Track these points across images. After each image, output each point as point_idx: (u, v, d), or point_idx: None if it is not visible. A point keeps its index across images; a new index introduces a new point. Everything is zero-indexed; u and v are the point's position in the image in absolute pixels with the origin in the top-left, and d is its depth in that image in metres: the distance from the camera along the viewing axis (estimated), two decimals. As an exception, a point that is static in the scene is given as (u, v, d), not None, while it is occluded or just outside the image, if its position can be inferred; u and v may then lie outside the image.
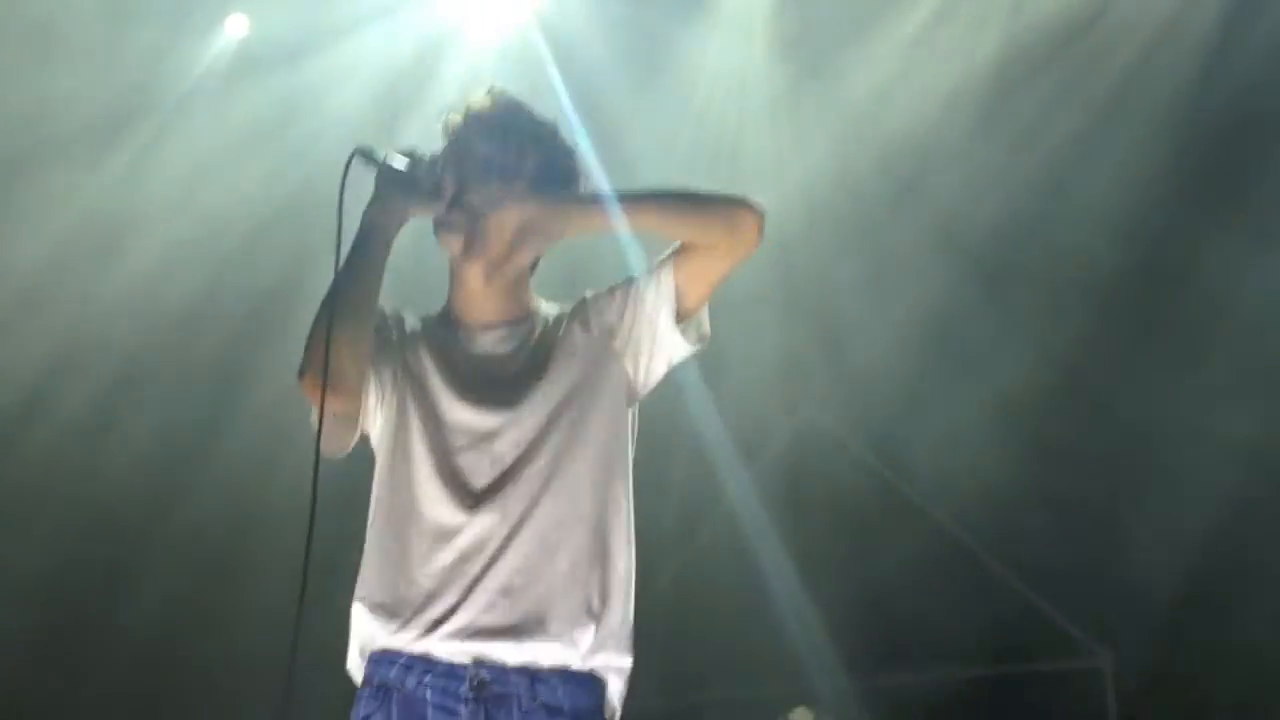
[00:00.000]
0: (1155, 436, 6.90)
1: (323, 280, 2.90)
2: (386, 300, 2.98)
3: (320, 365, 2.80)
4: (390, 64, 6.99)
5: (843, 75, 7.02)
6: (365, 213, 2.92)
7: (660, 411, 7.18)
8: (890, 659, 7.59)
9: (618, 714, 2.88)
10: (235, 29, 7.07)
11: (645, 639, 2.90)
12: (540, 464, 2.85)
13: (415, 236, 3.02)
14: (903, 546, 7.40)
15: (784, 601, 7.72)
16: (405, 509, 2.87)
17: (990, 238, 7.04)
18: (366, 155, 2.91)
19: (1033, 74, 6.81)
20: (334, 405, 2.84)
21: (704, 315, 2.96)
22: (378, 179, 2.93)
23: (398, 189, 2.92)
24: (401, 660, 2.79)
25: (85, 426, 7.28)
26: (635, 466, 2.93)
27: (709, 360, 7.07)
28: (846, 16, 6.94)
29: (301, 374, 2.84)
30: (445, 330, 3.02)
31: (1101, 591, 7.26)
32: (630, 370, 2.94)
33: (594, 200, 2.95)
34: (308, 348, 2.84)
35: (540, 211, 2.88)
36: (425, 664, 2.78)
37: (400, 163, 2.92)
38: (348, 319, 2.83)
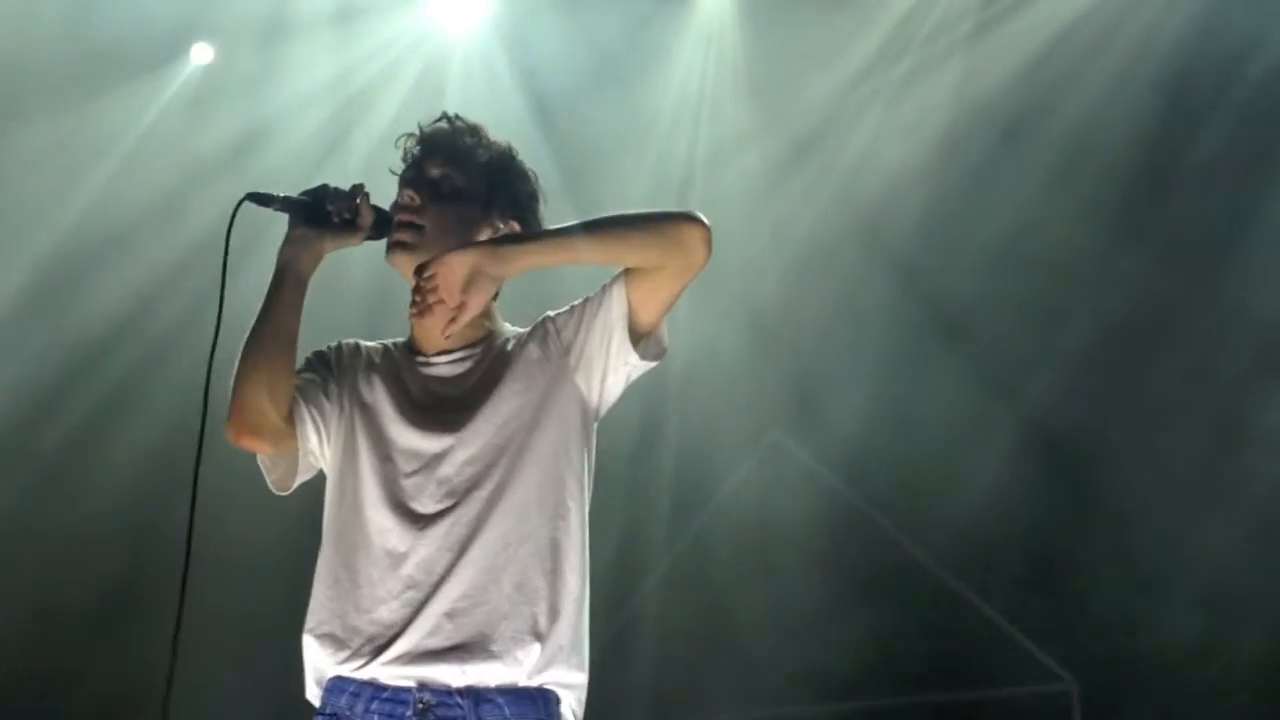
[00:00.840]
0: (1109, 465, 7.09)
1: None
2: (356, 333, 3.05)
3: (239, 413, 2.84)
4: (348, 89, 7.23)
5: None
6: (278, 253, 2.93)
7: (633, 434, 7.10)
8: (856, 684, 7.62)
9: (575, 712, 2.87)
10: (200, 57, 7.31)
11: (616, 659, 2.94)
12: (488, 485, 2.84)
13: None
14: (869, 572, 7.51)
15: (752, 627, 7.69)
16: (354, 538, 2.87)
17: (949, 271, 7.21)
18: (259, 198, 2.90)
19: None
20: (260, 448, 2.88)
21: (662, 330, 2.94)
22: (290, 220, 2.94)
23: (308, 226, 2.93)
24: (350, 688, 2.81)
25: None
26: (606, 491, 2.94)
27: (680, 386, 7.30)
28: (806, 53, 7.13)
29: (227, 423, 2.86)
30: (403, 356, 3.02)
31: (1067, 616, 7.41)
32: (585, 388, 2.91)
33: (534, 238, 2.93)
34: (231, 396, 2.87)
35: (481, 259, 2.80)
36: (373, 690, 2.79)
37: (302, 200, 2.92)
38: (262, 362, 2.85)
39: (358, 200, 2.95)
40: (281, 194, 2.92)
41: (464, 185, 2.98)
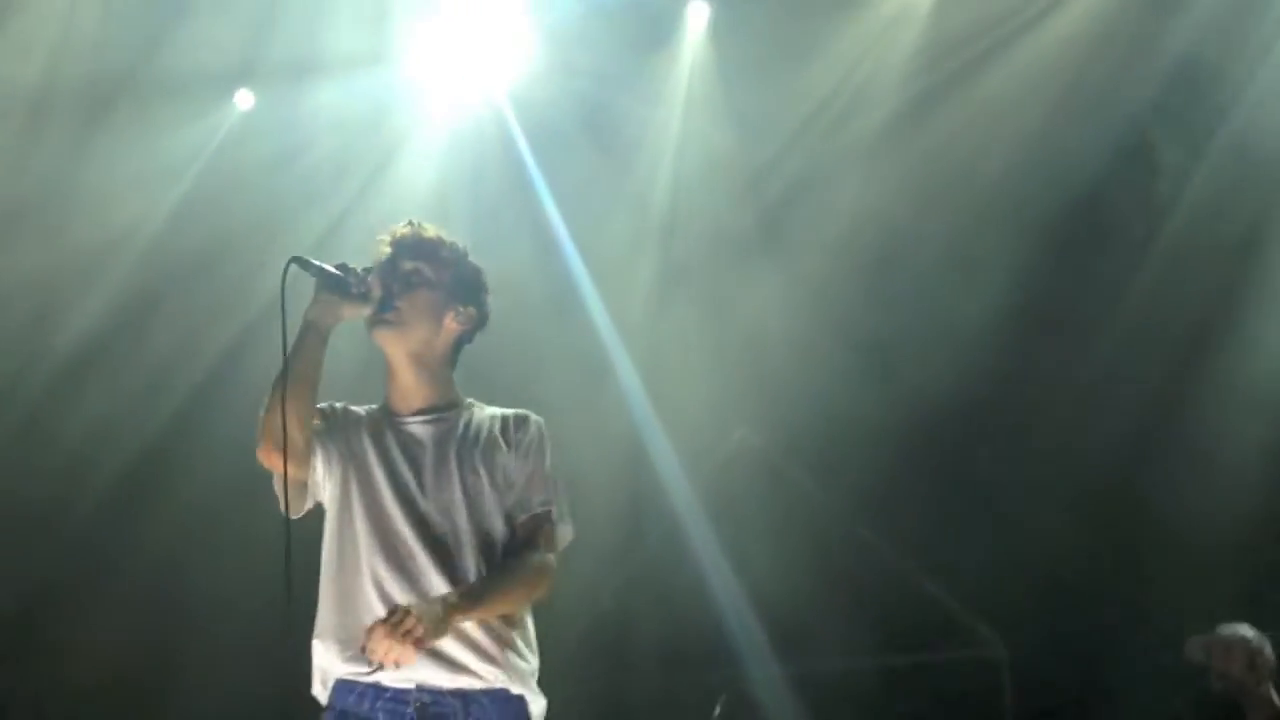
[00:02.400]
0: (1049, 430, 7.46)
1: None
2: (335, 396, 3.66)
3: (270, 436, 3.42)
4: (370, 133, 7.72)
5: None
6: (306, 312, 3.49)
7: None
8: (807, 649, 7.88)
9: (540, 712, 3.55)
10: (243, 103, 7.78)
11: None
12: (466, 536, 3.49)
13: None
14: (821, 548, 7.72)
15: (720, 599, 8.03)
16: (352, 568, 3.49)
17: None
18: (302, 263, 3.47)
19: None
20: (283, 467, 3.42)
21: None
22: (317, 284, 3.51)
23: (333, 293, 3.50)
24: (357, 689, 3.42)
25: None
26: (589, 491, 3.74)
27: (653, 389, 7.89)
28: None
29: (259, 445, 3.46)
30: (383, 417, 3.63)
31: (1001, 588, 7.56)
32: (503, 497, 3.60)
33: (464, 606, 3.40)
34: (261, 423, 3.45)
35: (431, 633, 3.35)
36: (376, 691, 3.40)
37: (332, 271, 3.50)
38: (293, 398, 3.40)
39: (369, 279, 3.55)
40: (317, 262, 3.51)
41: (432, 277, 3.61)
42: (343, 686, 3.43)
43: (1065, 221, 7.25)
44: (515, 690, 3.47)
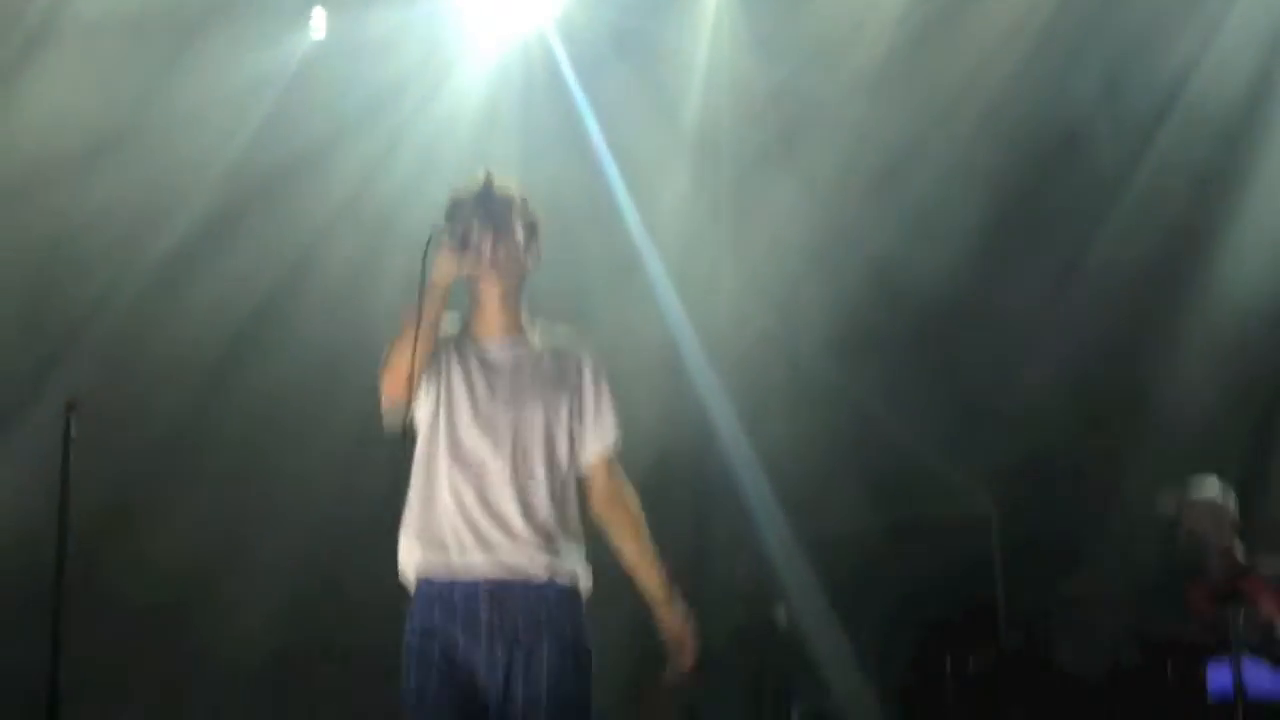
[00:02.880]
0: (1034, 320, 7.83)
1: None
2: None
3: (397, 375, 3.89)
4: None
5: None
6: (434, 268, 3.89)
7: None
8: (814, 513, 8.36)
9: (587, 593, 4.06)
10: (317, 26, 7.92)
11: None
12: (536, 450, 3.99)
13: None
14: (829, 423, 8.23)
15: (740, 471, 8.51)
16: (434, 477, 3.96)
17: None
18: (436, 233, 3.92)
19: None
20: (404, 399, 3.91)
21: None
22: (441, 252, 3.91)
23: (454, 258, 3.93)
24: (439, 580, 3.92)
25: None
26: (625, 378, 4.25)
27: (681, 286, 8.43)
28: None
29: (383, 383, 3.91)
30: (467, 343, 4.07)
31: (992, 450, 7.99)
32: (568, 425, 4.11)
33: (668, 596, 4.10)
34: (387, 363, 3.90)
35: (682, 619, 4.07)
36: (453, 583, 3.92)
37: (454, 239, 3.93)
38: (418, 344, 3.84)
39: (482, 237, 3.97)
40: (448, 230, 3.96)
41: (517, 228, 4.08)
42: (424, 578, 3.98)
43: (1046, 143, 7.79)
44: (565, 582, 4.01)
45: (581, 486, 4.13)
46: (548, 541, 3.97)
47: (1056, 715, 6.49)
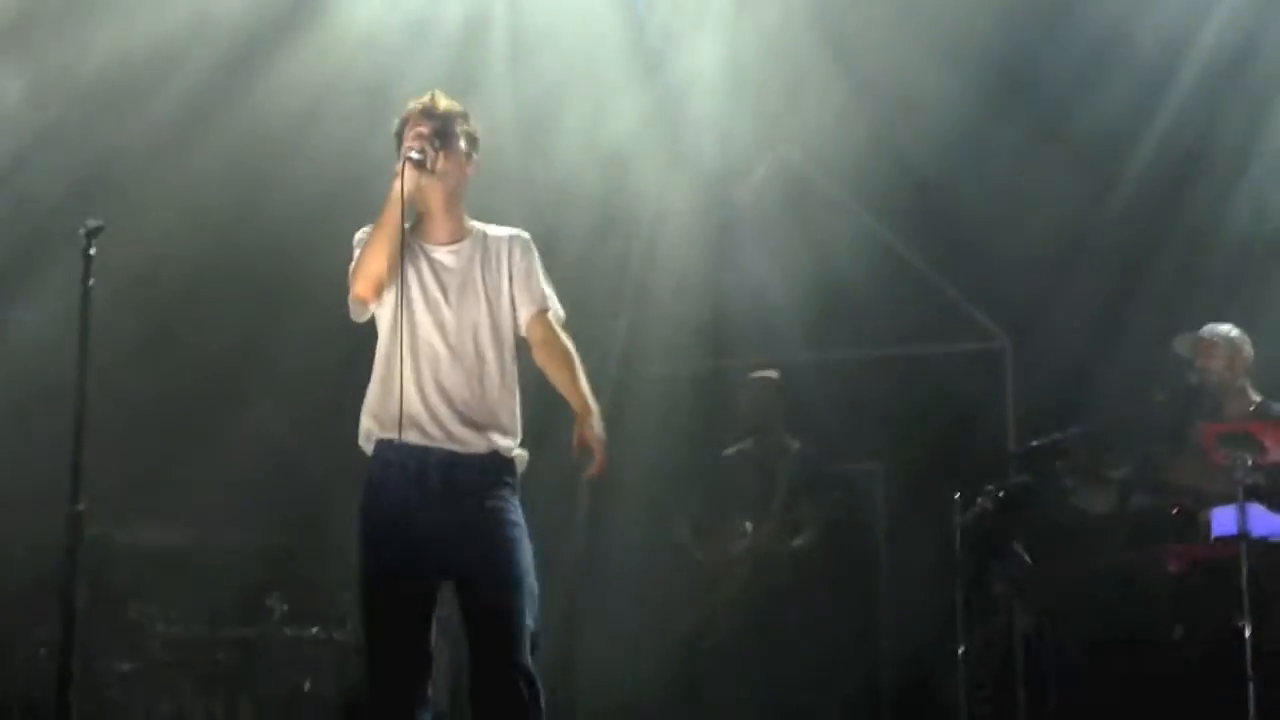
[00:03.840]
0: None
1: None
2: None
3: (365, 276, 4.54)
4: None
5: None
6: (393, 185, 4.51)
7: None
8: (833, 340, 8.62)
9: (524, 464, 4.67)
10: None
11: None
12: (485, 337, 4.61)
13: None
14: (848, 248, 8.39)
15: (757, 287, 8.64)
16: (392, 364, 4.55)
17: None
18: (408, 158, 4.50)
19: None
20: (372, 299, 4.58)
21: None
22: (406, 169, 4.50)
23: (412, 173, 4.52)
24: (392, 444, 4.54)
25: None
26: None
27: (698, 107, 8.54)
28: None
29: (354, 284, 4.55)
30: (418, 248, 4.63)
31: (1008, 283, 8.18)
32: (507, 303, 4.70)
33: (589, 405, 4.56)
34: (358, 265, 4.55)
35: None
36: (405, 447, 4.53)
37: (417, 157, 4.50)
38: (385, 249, 4.50)
39: (434, 153, 4.56)
40: (413, 155, 4.51)
41: (456, 136, 4.63)
42: (382, 442, 4.60)
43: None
44: (506, 455, 4.62)
45: (524, 348, 4.69)
46: (492, 418, 4.59)
47: (1062, 553, 6.58)
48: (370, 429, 4.63)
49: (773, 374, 8.06)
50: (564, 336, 4.69)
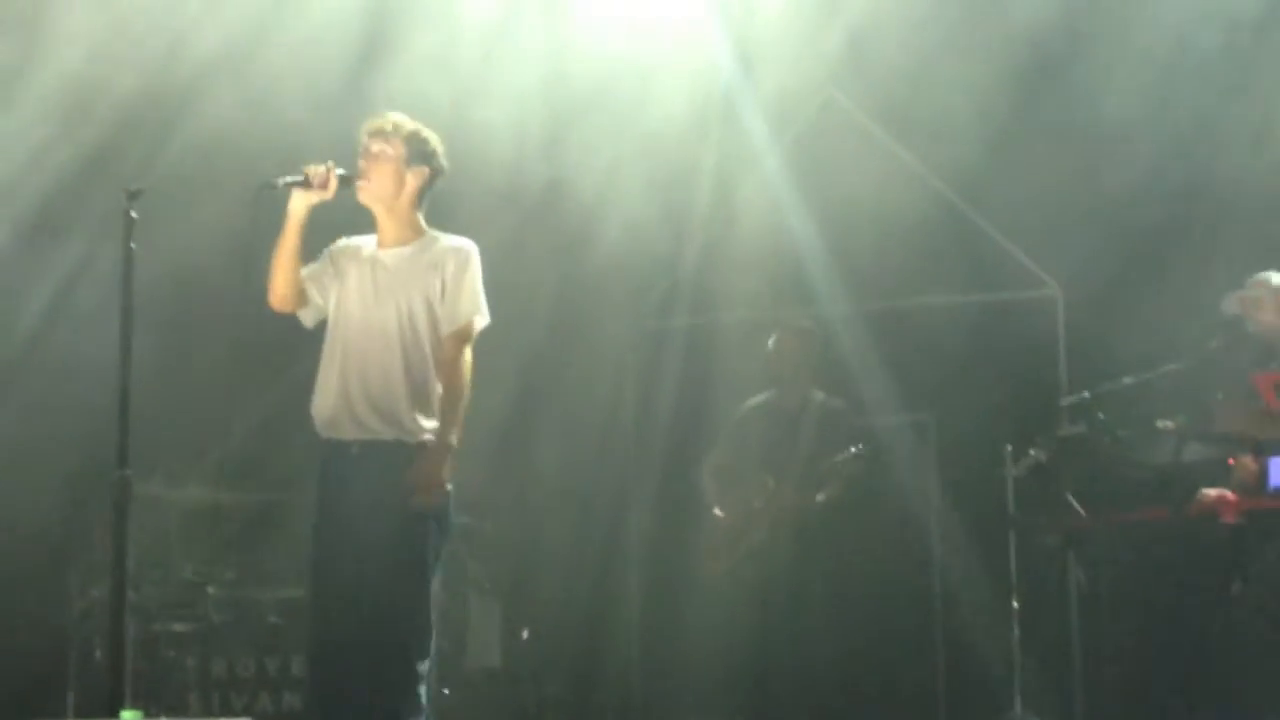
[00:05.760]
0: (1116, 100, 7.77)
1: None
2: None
3: (273, 293, 5.08)
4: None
5: None
6: (289, 207, 5.00)
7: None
8: (881, 289, 8.56)
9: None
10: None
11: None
12: (396, 336, 5.03)
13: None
14: (897, 199, 8.18)
15: (803, 239, 8.64)
16: (333, 357, 5.09)
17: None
18: (268, 186, 4.97)
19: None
20: (286, 308, 5.10)
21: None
22: (292, 192, 4.99)
23: (300, 194, 5.00)
24: (332, 440, 5.09)
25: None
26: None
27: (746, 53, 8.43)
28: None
29: (269, 299, 5.08)
30: (372, 249, 5.17)
31: (1060, 232, 8.09)
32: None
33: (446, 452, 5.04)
34: (269, 284, 5.05)
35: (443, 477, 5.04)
36: (341, 442, 5.08)
37: (292, 179, 4.94)
38: (286, 269, 5.04)
39: (324, 170, 4.98)
40: (281, 180, 4.97)
41: (390, 152, 5.10)
42: (324, 440, 5.15)
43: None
44: (412, 441, 5.02)
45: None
46: (418, 407, 5.01)
47: (1116, 505, 6.47)
48: (318, 422, 5.13)
49: (806, 323, 7.88)
50: (460, 368, 5.05)
